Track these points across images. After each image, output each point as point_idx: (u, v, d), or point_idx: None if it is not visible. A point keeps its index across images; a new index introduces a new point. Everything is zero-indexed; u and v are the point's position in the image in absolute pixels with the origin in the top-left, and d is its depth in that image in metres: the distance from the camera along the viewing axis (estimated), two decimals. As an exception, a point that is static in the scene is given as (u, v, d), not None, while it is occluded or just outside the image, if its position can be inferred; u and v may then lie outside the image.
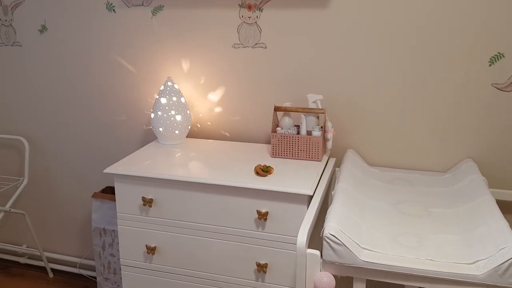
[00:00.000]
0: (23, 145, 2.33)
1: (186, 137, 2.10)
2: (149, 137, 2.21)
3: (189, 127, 2.03)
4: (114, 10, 2.08)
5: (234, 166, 1.74)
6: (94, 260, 2.35)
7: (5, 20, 2.25)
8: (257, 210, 1.58)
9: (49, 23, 2.19)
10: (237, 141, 2.06)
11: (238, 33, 1.95)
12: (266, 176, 1.65)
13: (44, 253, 2.51)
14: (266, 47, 1.93)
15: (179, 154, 1.90)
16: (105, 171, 1.73)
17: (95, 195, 2.10)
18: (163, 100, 1.96)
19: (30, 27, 2.22)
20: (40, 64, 2.26)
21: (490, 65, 1.69)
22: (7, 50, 2.29)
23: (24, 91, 2.33)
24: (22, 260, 2.59)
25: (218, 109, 2.08)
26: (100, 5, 2.09)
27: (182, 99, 1.99)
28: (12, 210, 2.27)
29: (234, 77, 2.01)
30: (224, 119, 2.08)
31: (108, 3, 2.08)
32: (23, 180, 2.33)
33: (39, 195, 2.47)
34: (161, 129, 1.96)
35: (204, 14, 1.97)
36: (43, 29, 2.20)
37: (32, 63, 2.27)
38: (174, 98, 1.96)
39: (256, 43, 1.94)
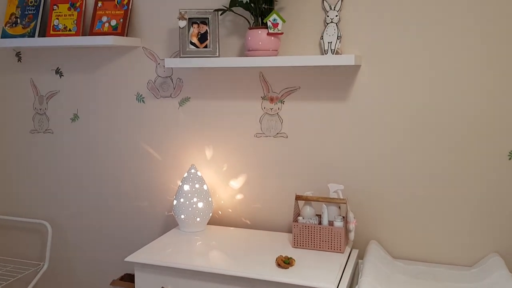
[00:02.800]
0: (46, 230, 2.36)
1: (207, 223, 2.11)
2: (170, 223, 2.22)
3: (211, 214, 2.04)
4: (143, 101, 2.20)
5: (255, 257, 1.72)
6: None
7: (40, 109, 2.39)
8: (278, 306, 1.53)
9: (81, 112, 2.31)
10: (258, 229, 2.06)
11: (260, 123, 2.03)
12: (288, 268, 1.63)
13: None
14: (287, 137, 2.00)
15: (200, 242, 1.89)
16: (126, 259, 1.73)
17: (114, 283, 2.08)
18: (186, 187, 1.99)
19: (62, 115, 2.35)
20: (69, 151, 2.36)
21: (509, 158, 1.71)
22: (39, 137, 2.40)
23: (50, 176, 2.41)
24: None
25: (239, 196, 2.11)
26: (131, 96, 2.22)
27: (205, 186, 2.03)
28: (30, 296, 2.25)
29: (255, 165, 2.06)
30: (245, 207, 2.10)
31: (138, 94, 2.21)
32: (43, 265, 2.33)
33: (58, 281, 2.45)
34: (183, 216, 1.98)
35: (228, 106, 2.07)
36: (75, 117, 2.33)
37: (61, 150, 2.37)
38: (197, 185, 2.00)
39: (278, 133, 2.01)
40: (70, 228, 2.40)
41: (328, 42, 1.80)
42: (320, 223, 1.82)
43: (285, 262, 1.63)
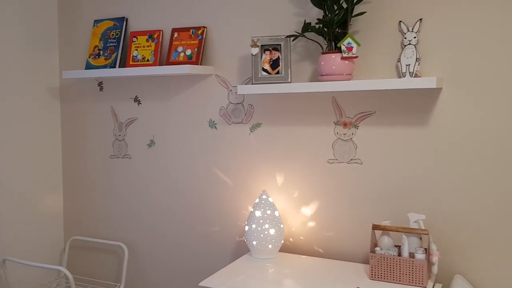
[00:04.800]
0: (123, 251, 2.44)
1: (279, 251, 2.07)
2: (241, 248, 2.21)
3: (282, 241, 2.01)
4: (215, 127, 2.24)
5: (331, 287, 1.66)
6: None
7: (119, 135, 2.51)
8: None
9: (157, 137, 2.40)
10: (331, 259, 1.99)
11: (333, 149, 1.99)
12: (366, 301, 1.55)
13: None
14: (361, 163, 1.93)
15: (272, 270, 1.86)
16: (201, 284, 1.73)
17: (186, 307, 2.09)
18: (258, 213, 1.98)
19: (140, 141, 2.45)
20: (145, 176, 2.44)
21: None
22: (118, 162, 2.52)
23: (128, 200, 2.50)
24: None
25: (311, 224, 2.06)
26: (203, 122, 2.27)
27: (276, 213, 2.00)
28: (106, 316, 2.32)
29: (328, 191, 2.01)
30: (317, 234, 2.04)
31: (211, 120, 2.25)
32: (119, 286, 2.40)
33: (131, 301, 2.52)
34: (254, 242, 1.97)
35: (300, 131, 2.05)
36: (151, 143, 2.42)
37: (138, 174, 2.46)
38: (269, 212, 1.98)
39: (352, 159, 1.95)
40: (145, 250, 2.47)
41: (406, 65, 1.73)
42: (399, 254, 1.72)
43: (362, 295, 1.56)
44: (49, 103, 2.59)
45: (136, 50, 2.32)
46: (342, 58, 1.78)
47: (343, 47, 1.76)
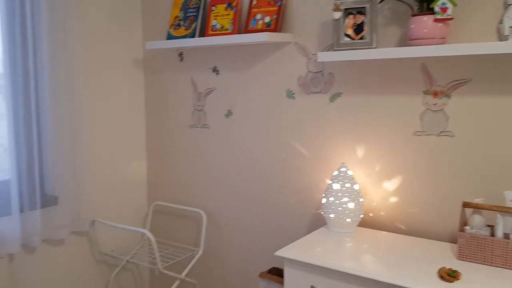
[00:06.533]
0: (202, 218, 2.51)
1: (357, 226, 2.00)
2: (318, 221, 2.17)
3: (361, 215, 1.93)
4: (293, 97, 2.19)
5: (413, 265, 1.57)
6: None
7: (198, 105, 2.55)
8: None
9: (235, 108, 2.40)
10: (414, 236, 1.89)
11: (421, 121, 1.85)
12: (453, 282, 1.45)
13: (208, 325, 2.58)
14: (453, 136, 1.78)
15: (350, 244, 1.80)
16: (276, 253, 1.72)
17: (262, 275, 2.11)
18: (336, 186, 1.92)
19: (218, 111, 2.46)
20: (223, 146, 2.47)
21: None
22: (196, 131, 2.56)
23: (206, 168, 2.55)
24: (189, 328, 2.69)
25: (393, 199, 1.96)
26: (281, 92, 2.22)
27: (356, 186, 1.93)
28: (186, 279, 2.41)
29: (413, 166, 1.89)
30: (400, 211, 1.94)
31: (289, 90, 2.20)
32: (198, 251, 2.48)
33: (210, 267, 2.59)
34: (332, 215, 1.92)
35: (383, 101, 1.94)
36: (228, 113, 2.42)
37: (216, 144, 2.49)
38: (348, 185, 1.91)
39: (442, 132, 1.81)
40: (222, 218, 2.52)
41: (510, 27, 1.55)
42: (492, 235, 1.58)
43: (449, 275, 1.45)
44: (133, 74, 2.69)
45: (215, 19, 2.31)
46: (435, 20, 1.62)
47: (436, 8, 1.61)
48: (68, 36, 2.25)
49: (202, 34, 2.37)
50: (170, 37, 2.45)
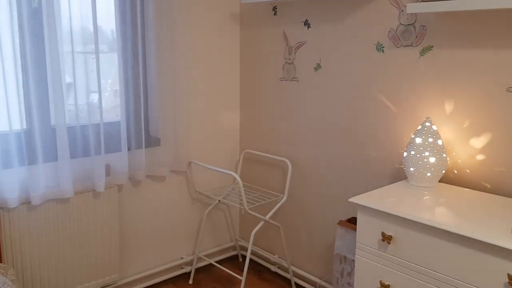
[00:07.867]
0: (287, 166, 2.65)
1: (439, 181, 1.99)
2: (400, 176, 2.19)
3: (443, 171, 1.91)
4: (383, 51, 2.18)
5: (489, 221, 1.55)
6: (332, 284, 2.45)
7: (289, 59, 2.64)
8: (508, 274, 1.36)
9: (323, 61, 2.45)
10: (499, 195, 1.83)
11: (516, 75, 1.75)
12: (530, 240, 1.41)
13: (291, 266, 2.77)
14: (550, 92, 1.67)
15: (427, 197, 1.81)
16: (350, 200, 1.80)
17: (340, 223, 2.21)
18: (418, 140, 1.91)
19: (307, 65, 2.53)
20: (311, 99, 2.55)
21: None
22: (286, 84, 2.67)
23: (294, 120, 2.66)
24: (273, 268, 2.91)
25: (480, 157, 1.90)
26: (371, 45, 2.22)
27: (439, 141, 1.90)
28: (270, 221, 2.60)
29: (505, 123, 1.81)
30: (486, 169, 1.88)
31: (378, 43, 2.19)
32: (283, 197, 2.65)
33: (293, 213, 2.75)
34: (412, 169, 1.92)
35: (477, 55, 1.85)
36: (318, 67, 2.48)
37: (304, 97, 2.58)
38: (430, 139, 1.90)
39: (538, 87, 1.70)
40: (307, 167, 2.63)
41: None
42: None
43: (526, 233, 1.42)
44: (230, 28, 2.85)
45: (309, -28, 2.34)
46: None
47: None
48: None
49: (295, -13, 2.43)
50: (264, -9, 2.54)
